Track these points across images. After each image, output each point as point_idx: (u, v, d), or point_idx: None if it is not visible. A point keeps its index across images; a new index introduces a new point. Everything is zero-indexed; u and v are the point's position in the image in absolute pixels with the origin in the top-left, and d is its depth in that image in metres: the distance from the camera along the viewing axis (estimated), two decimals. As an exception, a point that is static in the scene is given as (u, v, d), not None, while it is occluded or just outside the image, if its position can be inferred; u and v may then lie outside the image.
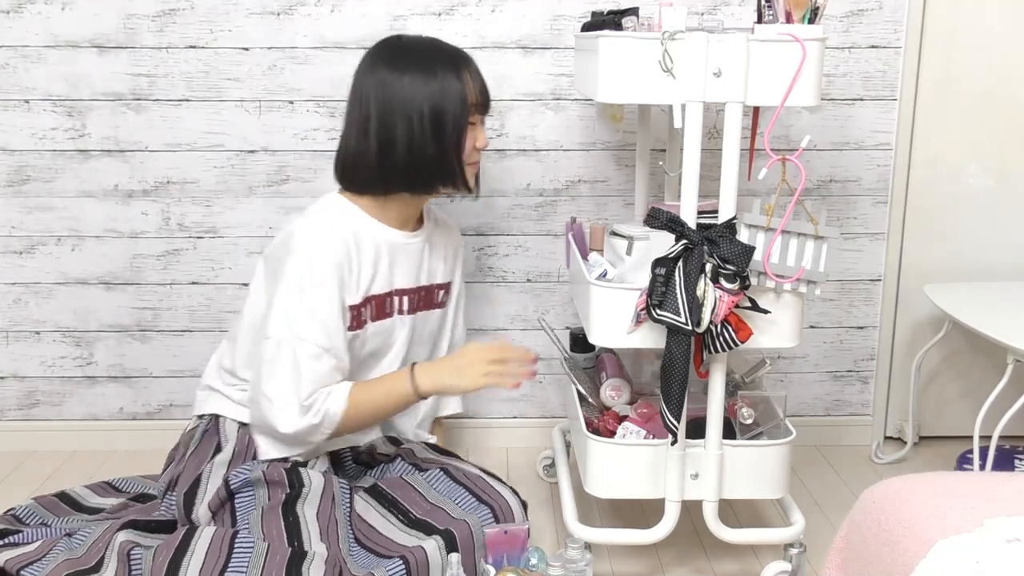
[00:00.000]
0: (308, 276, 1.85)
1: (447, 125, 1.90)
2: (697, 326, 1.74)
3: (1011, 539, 1.31)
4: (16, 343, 2.57)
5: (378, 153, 1.90)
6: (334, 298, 1.87)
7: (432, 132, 1.89)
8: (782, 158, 1.78)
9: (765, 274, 1.81)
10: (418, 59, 1.91)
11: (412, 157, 1.89)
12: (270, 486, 1.85)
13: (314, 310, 1.85)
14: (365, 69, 1.93)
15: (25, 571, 1.83)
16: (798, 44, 1.71)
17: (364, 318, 1.94)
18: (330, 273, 1.86)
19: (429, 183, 1.94)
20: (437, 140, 1.90)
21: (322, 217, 1.92)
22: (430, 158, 1.90)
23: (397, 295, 2.01)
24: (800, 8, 1.77)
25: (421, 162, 1.90)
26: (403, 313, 2.03)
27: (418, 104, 1.88)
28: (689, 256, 1.75)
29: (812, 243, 1.83)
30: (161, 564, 1.70)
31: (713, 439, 1.91)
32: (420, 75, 1.89)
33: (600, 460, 1.94)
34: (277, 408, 1.85)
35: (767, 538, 2.00)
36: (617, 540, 2.01)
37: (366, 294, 1.94)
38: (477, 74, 1.95)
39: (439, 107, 1.88)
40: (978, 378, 2.57)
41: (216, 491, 1.86)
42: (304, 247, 1.87)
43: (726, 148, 1.77)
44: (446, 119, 1.89)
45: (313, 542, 1.74)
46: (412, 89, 1.88)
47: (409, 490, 1.93)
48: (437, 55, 1.92)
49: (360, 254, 1.92)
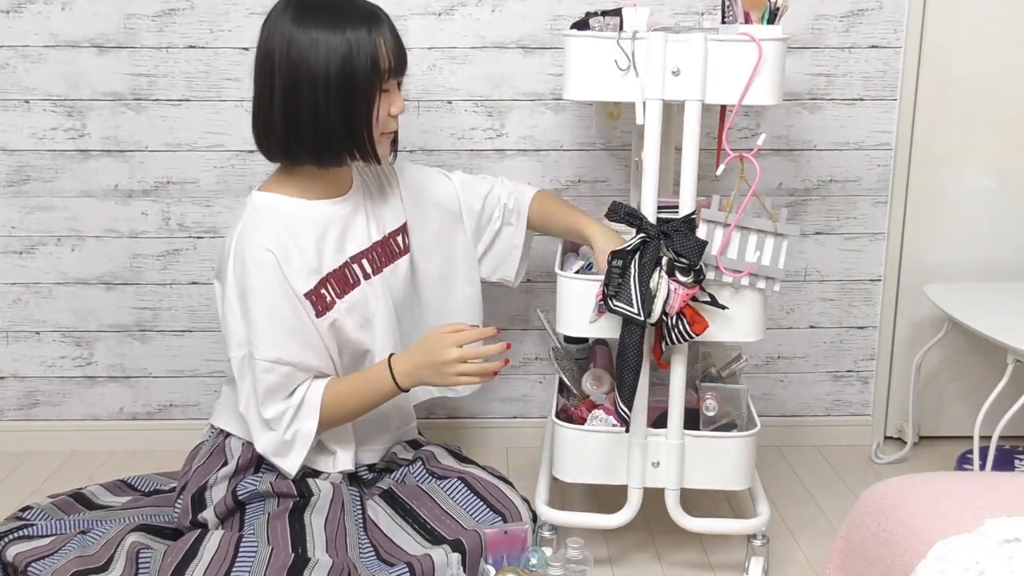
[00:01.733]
0: (246, 287, 1.79)
1: (356, 92, 1.77)
2: (648, 317, 1.77)
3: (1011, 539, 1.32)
4: (16, 343, 2.57)
5: (283, 122, 1.79)
6: (277, 302, 1.79)
7: (339, 100, 1.76)
8: (739, 155, 1.79)
9: (718, 268, 1.84)
10: (327, 13, 1.76)
11: (318, 126, 1.78)
12: (279, 498, 1.85)
13: (258, 322, 1.79)
14: (272, 18, 1.80)
15: (34, 565, 1.82)
16: (755, 44, 1.74)
17: (329, 299, 1.87)
18: (267, 277, 1.78)
19: (337, 155, 1.82)
20: (344, 109, 1.77)
21: (246, 222, 1.83)
22: (338, 128, 1.78)
23: (355, 262, 1.92)
24: (758, 9, 1.82)
25: (327, 133, 1.79)
26: (368, 277, 1.94)
27: (323, 67, 1.74)
28: (646, 249, 1.79)
29: (771, 240, 1.86)
30: (169, 565, 1.70)
31: (674, 428, 1.95)
32: (327, 32, 1.74)
33: (565, 445, 2.00)
34: (251, 428, 1.84)
35: (729, 528, 2.04)
36: (581, 523, 2.03)
37: (319, 276, 1.85)
38: (392, 33, 1.81)
39: (347, 71, 1.75)
40: (978, 378, 2.57)
41: (223, 499, 1.86)
42: (236, 258, 1.80)
43: (686, 145, 1.81)
44: (355, 84, 1.76)
45: (318, 551, 1.73)
46: (317, 49, 1.74)
47: (425, 498, 1.90)
48: (349, 9, 1.78)
49: (297, 239, 1.83)
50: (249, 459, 1.92)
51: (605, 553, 2.11)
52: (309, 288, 1.84)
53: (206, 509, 1.87)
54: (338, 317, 1.89)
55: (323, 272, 1.86)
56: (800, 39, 2.41)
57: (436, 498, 1.90)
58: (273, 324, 1.79)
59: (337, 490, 1.87)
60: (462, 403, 2.62)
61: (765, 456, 2.52)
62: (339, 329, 1.89)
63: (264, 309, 1.79)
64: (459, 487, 1.92)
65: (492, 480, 1.94)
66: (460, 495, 1.91)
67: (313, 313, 1.84)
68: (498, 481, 1.95)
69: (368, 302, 1.94)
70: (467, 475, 1.94)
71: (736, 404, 2.02)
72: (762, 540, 1.99)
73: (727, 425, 2.00)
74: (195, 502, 1.90)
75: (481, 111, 2.44)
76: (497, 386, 2.62)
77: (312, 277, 1.84)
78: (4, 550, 1.87)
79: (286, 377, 1.82)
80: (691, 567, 2.07)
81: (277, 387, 1.82)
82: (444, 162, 2.46)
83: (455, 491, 1.91)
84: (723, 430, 1.99)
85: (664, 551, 2.12)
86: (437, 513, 1.86)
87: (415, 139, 2.44)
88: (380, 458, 2.05)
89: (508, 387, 2.63)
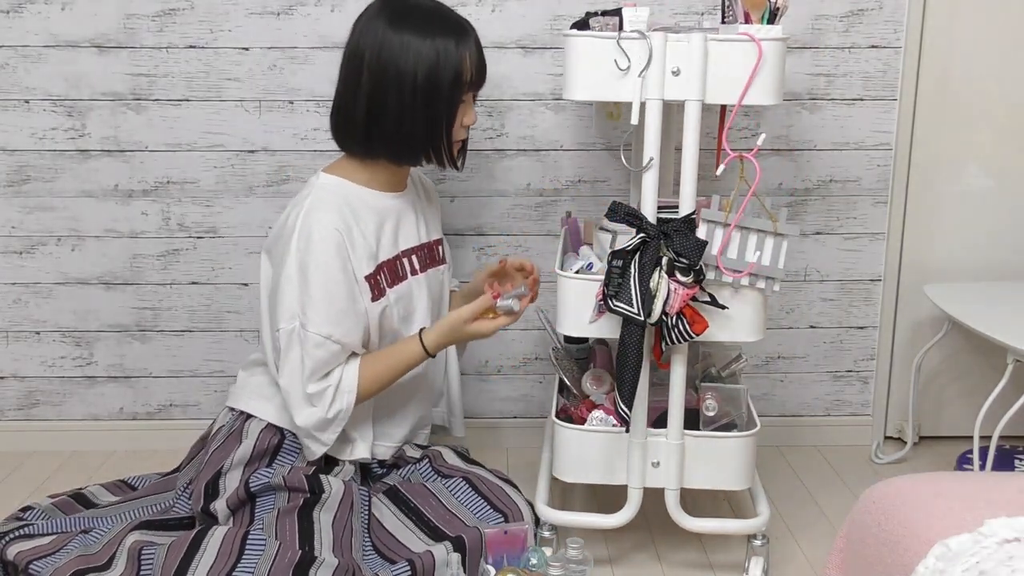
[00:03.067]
0: (309, 262, 1.83)
1: (439, 99, 1.85)
2: (648, 317, 1.77)
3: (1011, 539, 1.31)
4: (16, 343, 2.57)
5: (366, 117, 1.87)
6: (338, 279, 1.84)
7: (423, 104, 1.84)
8: (740, 155, 1.79)
9: (718, 268, 1.84)
10: (419, 20, 1.84)
11: (400, 127, 1.86)
12: (291, 492, 1.85)
13: (316, 297, 1.83)
14: (366, 18, 1.88)
15: (35, 564, 1.82)
16: (755, 44, 1.74)
17: (383, 286, 1.93)
18: (332, 254, 1.84)
19: (414, 155, 1.91)
20: (427, 114, 1.85)
21: (314, 200, 1.88)
22: (419, 131, 1.87)
23: (405, 256, 1.99)
24: (758, 9, 1.83)
25: (410, 134, 1.87)
26: (416, 273, 2.01)
27: (411, 71, 1.82)
28: (646, 249, 1.80)
29: (771, 240, 1.86)
30: (173, 561, 1.70)
31: (674, 428, 1.95)
32: (417, 38, 1.82)
33: (565, 445, 2.00)
34: (292, 402, 1.86)
35: (729, 528, 2.04)
36: (581, 523, 2.03)
37: (376, 262, 1.91)
38: (477, 48, 1.89)
39: (433, 78, 1.83)
40: (978, 378, 2.57)
41: (235, 490, 1.86)
42: (301, 233, 1.85)
43: (686, 145, 1.82)
44: (440, 93, 1.84)
45: (324, 549, 1.74)
46: (407, 52, 1.82)
47: (429, 497, 1.92)
48: (440, 20, 1.86)
49: (360, 224, 1.89)
50: (265, 447, 1.93)
51: (605, 553, 2.11)
52: (369, 272, 1.90)
53: (218, 498, 1.88)
54: (388, 305, 1.94)
55: (380, 259, 1.92)
56: (800, 39, 2.41)
57: (440, 496, 1.91)
58: (332, 301, 1.84)
59: (348, 489, 1.88)
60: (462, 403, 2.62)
61: (765, 456, 2.52)
62: (388, 317, 1.95)
63: (325, 285, 1.84)
64: (463, 486, 1.94)
65: (496, 481, 1.95)
66: (463, 494, 1.92)
67: (370, 297, 1.90)
68: (502, 483, 1.96)
69: (413, 296, 2.00)
70: (471, 475, 1.96)
71: (736, 404, 2.02)
72: (762, 540, 1.99)
73: (727, 425, 2.01)
74: (208, 489, 1.90)
75: (481, 111, 2.44)
76: (497, 386, 2.62)
77: (371, 262, 1.90)
78: (5, 549, 1.87)
79: (334, 355, 1.86)
80: (691, 567, 2.07)
81: (323, 363, 1.85)
82: (444, 162, 2.46)
83: (459, 490, 1.93)
84: (723, 430, 1.99)
85: (664, 551, 2.12)
86: (440, 512, 1.87)
87: (415, 139, 2.44)
88: (392, 455, 2.06)
89: (508, 387, 2.63)
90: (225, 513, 1.86)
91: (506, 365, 2.61)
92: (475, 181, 2.49)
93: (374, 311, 1.91)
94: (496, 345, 2.58)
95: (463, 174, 2.47)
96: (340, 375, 1.88)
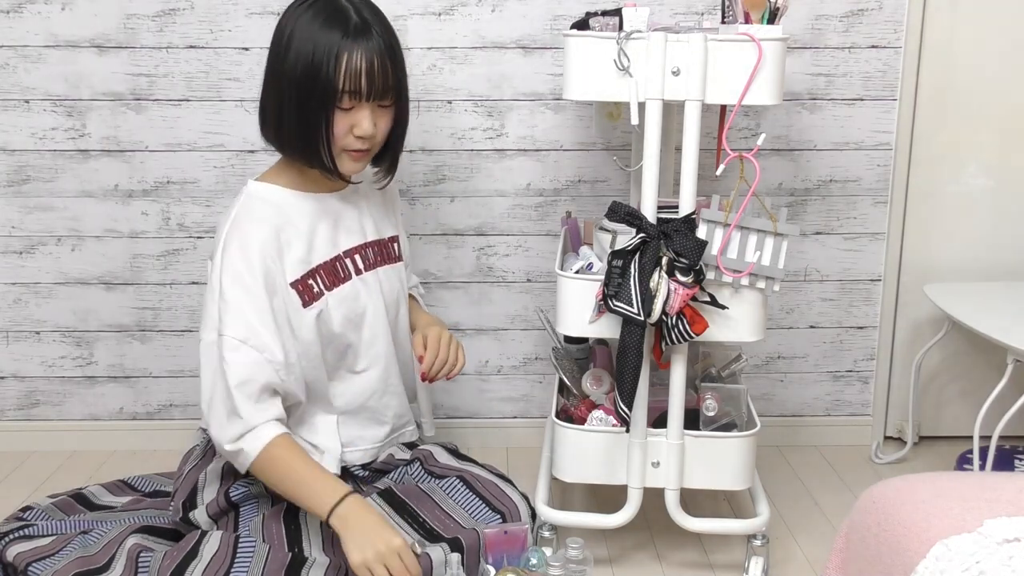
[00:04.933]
0: (226, 273, 1.76)
1: (312, 98, 1.70)
2: (648, 317, 1.77)
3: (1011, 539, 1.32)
4: (16, 343, 2.57)
5: (261, 109, 1.81)
6: (257, 289, 1.75)
7: (298, 102, 1.72)
8: (739, 155, 1.79)
9: (718, 268, 1.84)
10: (323, 11, 1.71)
11: (280, 123, 1.77)
12: (273, 498, 1.84)
13: (231, 304, 1.74)
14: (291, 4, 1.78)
15: (35, 566, 1.82)
16: (754, 44, 1.74)
17: (317, 289, 1.84)
18: (253, 263, 1.75)
19: (297, 156, 1.79)
20: (300, 114, 1.73)
21: (240, 210, 1.81)
22: (295, 129, 1.75)
23: (347, 256, 1.90)
24: (758, 9, 1.83)
25: (289, 132, 1.76)
26: (360, 272, 1.91)
27: (292, 63, 1.70)
28: (646, 249, 1.80)
29: (771, 240, 1.86)
30: (168, 567, 1.70)
31: (674, 428, 1.95)
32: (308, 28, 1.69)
33: (565, 445, 2.00)
34: (212, 418, 1.76)
35: (729, 528, 2.04)
36: (581, 523, 2.03)
37: (309, 266, 1.82)
38: (369, 56, 1.70)
39: (310, 73, 1.69)
40: (978, 378, 2.57)
41: (215, 500, 1.85)
42: (224, 245, 1.78)
43: (685, 145, 1.81)
44: (312, 92, 1.70)
45: (314, 549, 1.73)
46: (292, 43, 1.70)
47: (424, 498, 1.89)
48: (340, 16, 1.71)
49: (291, 230, 1.81)
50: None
51: (605, 553, 2.11)
52: (296, 278, 1.81)
53: (197, 509, 1.87)
54: (324, 309, 1.85)
55: (313, 263, 1.84)
56: (800, 39, 2.41)
57: (435, 498, 1.89)
58: (247, 307, 1.74)
59: None
60: (462, 403, 2.62)
61: (765, 456, 2.52)
62: (325, 321, 1.85)
63: (242, 292, 1.75)
64: (458, 486, 1.91)
65: (491, 478, 1.94)
66: (459, 494, 1.90)
67: (299, 303, 1.81)
68: (497, 479, 1.94)
69: (359, 297, 1.90)
70: (466, 473, 1.93)
71: (736, 404, 2.03)
72: (762, 540, 1.99)
73: (727, 425, 2.01)
74: (187, 504, 1.89)
75: (481, 111, 2.44)
76: (497, 386, 2.62)
77: (300, 267, 1.81)
78: (4, 550, 1.87)
79: (253, 366, 1.74)
80: (691, 567, 2.07)
81: (247, 371, 1.73)
82: (444, 162, 2.46)
83: (454, 490, 1.91)
84: (723, 430, 1.99)
85: (664, 551, 2.12)
86: (437, 513, 1.86)
87: (415, 139, 2.44)
88: (374, 457, 2.03)
89: (508, 387, 2.63)
90: (207, 522, 1.85)
91: (506, 365, 2.61)
92: (475, 181, 2.49)
93: (307, 317, 1.82)
94: (496, 345, 2.59)
95: (463, 174, 2.47)
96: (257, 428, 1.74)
